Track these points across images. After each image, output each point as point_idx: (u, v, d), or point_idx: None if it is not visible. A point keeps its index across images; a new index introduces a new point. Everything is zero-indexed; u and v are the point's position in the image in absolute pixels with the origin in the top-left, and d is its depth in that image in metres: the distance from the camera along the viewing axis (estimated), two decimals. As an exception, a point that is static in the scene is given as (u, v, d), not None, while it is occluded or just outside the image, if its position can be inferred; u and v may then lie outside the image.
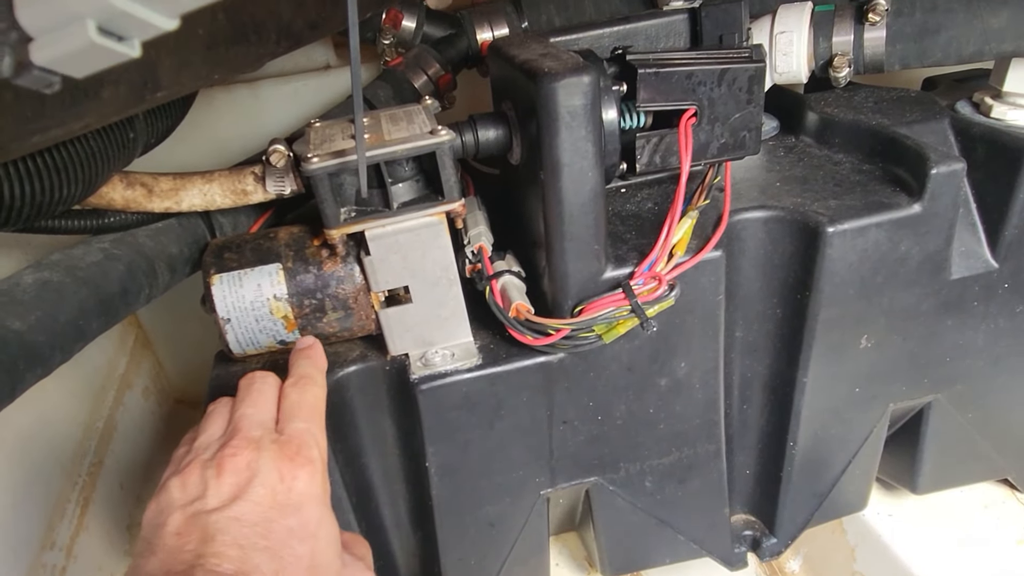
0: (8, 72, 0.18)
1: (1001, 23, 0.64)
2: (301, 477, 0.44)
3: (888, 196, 0.65)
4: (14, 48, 0.18)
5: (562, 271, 0.59)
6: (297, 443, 0.46)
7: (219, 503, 0.41)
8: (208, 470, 0.43)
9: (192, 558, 0.39)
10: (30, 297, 0.49)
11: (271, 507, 0.42)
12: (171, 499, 0.43)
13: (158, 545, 0.40)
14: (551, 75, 0.52)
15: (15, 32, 0.18)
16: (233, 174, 0.59)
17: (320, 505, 0.45)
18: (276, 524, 0.42)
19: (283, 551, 0.41)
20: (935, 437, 0.79)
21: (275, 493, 0.43)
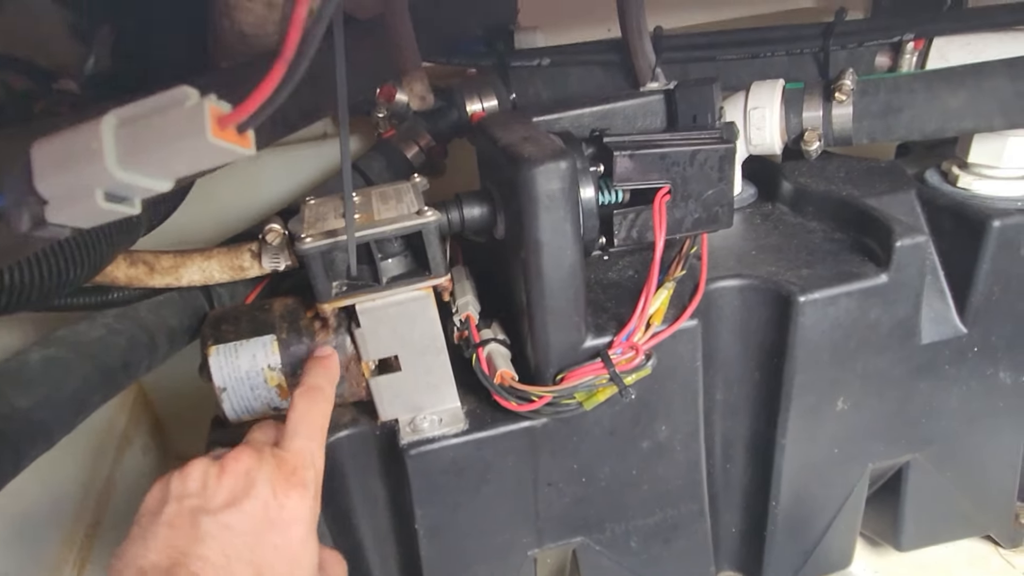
0: (26, 228, 0.22)
1: (960, 103, 0.67)
2: (293, 497, 0.45)
3: (857, 266, 0.68)
4: (32, 209, 0.22)
5: (544, 341, 0.61)
6: (294, 463, 0.47)
7: (214, 506, 0.43)
8: (211, 468, 0.45)
9: (178, 555, 0.40)
10: (36, 374, 0.52)
11: (262, 521, 0.43)
12: (169, 490, 0.44)
13: (149, 532, 0.42)
14: (530, 161, 0.55)
15: (33, 197, 0.21)
16: (231, 251, 0.63)
17: (306, 528, 0.46)
18: (263, 539, 0.43)
19: (265, 568, 0.42)
20: (916, 495, 0.80)
21: (267, 508, 0.44)
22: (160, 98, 0.22)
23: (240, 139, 0.22)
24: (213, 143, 0.21)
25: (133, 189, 0.22)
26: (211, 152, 0.22)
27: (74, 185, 0.21)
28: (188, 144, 0.21)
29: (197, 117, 0.21)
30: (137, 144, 0.22)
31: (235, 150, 0.22)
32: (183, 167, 0.23)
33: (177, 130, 0.21)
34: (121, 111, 0.23)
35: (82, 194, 0.21)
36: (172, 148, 0.22)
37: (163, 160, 0.22)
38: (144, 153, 0.22)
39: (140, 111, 0.22)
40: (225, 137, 0.22)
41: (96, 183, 0.21)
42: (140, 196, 0.23)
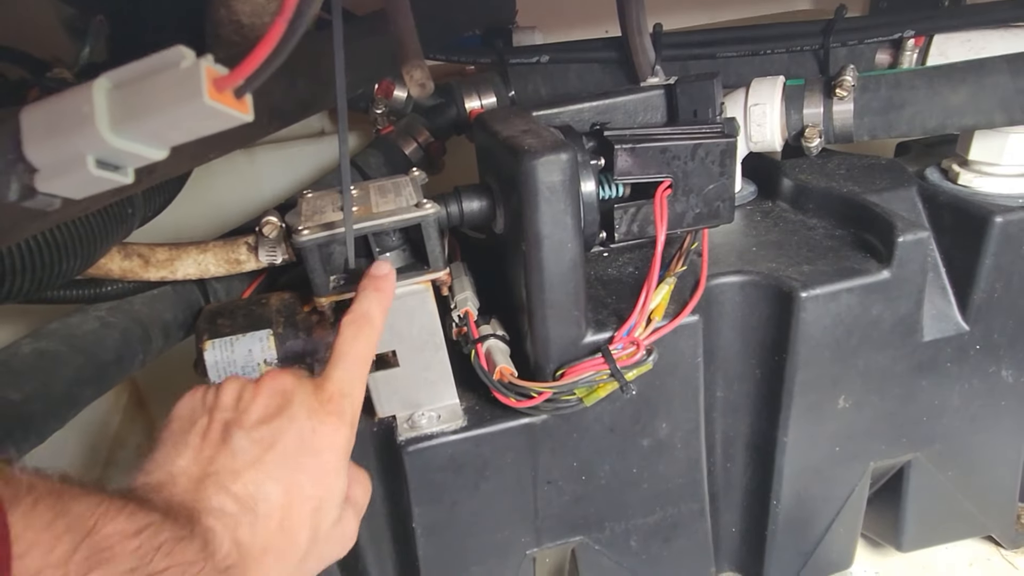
0: (15, 197, 0.21)
1: (960, 100, 0.67)
2: (328, 423, 0.44)
3: (859, 262, 0.67)
4: (20, 177, 0.21)
5: (543, 336, 0.61)
6: (332, 390, 0.45)
7: (248, 421, 0.42)
8: (247, 385, 0.44)
9: (208, 465, 0.39)
10: (27, 367, 0.51)
11: (294, 442, 0.42)
12: (203, 402, 0.43)
13: (180, 440, 0.41)
14: (531, 152, 0.54)
15: (21, 164, 0.21)
16: (227, 244, 0.62)
17: (338, 456, 0.45)
18: (294, 460, 0.42)
19: (293, 489, 0.41)
20: (917, 495, 0.80)
21: (301, 430, 0.43)
22: (154, 59, 0.21)
23: (238, 104, 0.21)
24: (210, 106, 0.21)
25: (126, 156, 0.21)
26: (207, 116, 0.21)
27: (65, 151, 0.20)
28: (184, 108, 0.21)
29: (193, 79, 0.21)
30: (130, 107, 0.21)
31: (233, 115, 0.21)
32: (178, 133, 0.22)
33: (172, 93, 0.21)
34: (114, 73, 0.22)
35: (73, 161, 0.21)
36: (167, 112, 0.21)
37: (157, 125, 0.21)
38: (138, 117, 0.21)
39: (134, 73, 0.22)
40: (222, 101, 0.21)
41: (87, 149, 0.21)
42: (133, 164, 0.22)
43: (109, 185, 0.22)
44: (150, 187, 0.59)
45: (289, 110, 0.56)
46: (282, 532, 0.40)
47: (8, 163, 0.21)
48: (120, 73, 0.22)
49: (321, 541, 0.44)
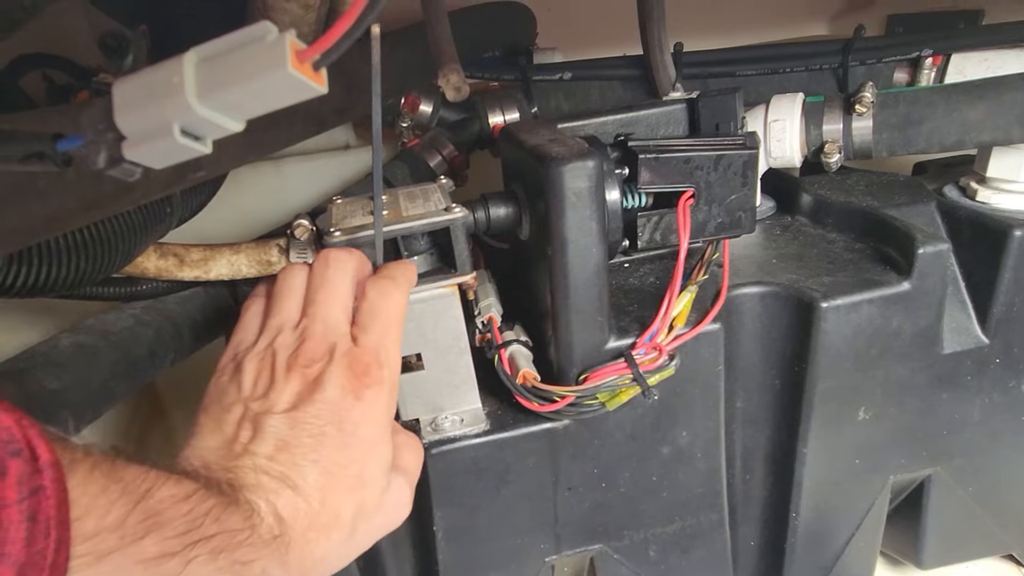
0: (103, 165, 0.22)
1: (979, 116, 0.68)
2: (366, 397, 0.44)
3: (879, 274, 0.68)
4: (109, 146, 0.22)
5: (567, 341, 0.62)
6: (367, 360, 0.45)
7: (281, 407, 0.42)
8: (279, 371, 0.43)
9: (243, 451, 0.40)
10: (67, 359, 0.52)
11: (329, 422, 0.42)
12: (241, 386, 0.43)
13: (216, 428, 0.41)
14: (558, 159, 0.56)
15: (111, 133, 0.22)
16: (259, 246, 0.63)
17: (378, 428, 0.44)
18: (330, 440, 0.42)
19: (333, 468, 0.41)
20: (937, 511, 0.79)
21: (336, 409, 0.43)
22: (240, 34, 0.23)
23: (315, 76, 0.23)
24: (292, 75, 0.22)
25: (208, 126, 0.23)
26: (288, 87, 0.22)
27: (153, 119, 0.22)
28: (267, 77, 0.22)
29: (278, 49, 0.22)
30: (216, 78, 0.23)
31: (311, 85, 0.23)
32: (258, 104, 0.23)
33: (257, 63, 0.22)
34: (201, 48, 0.23)
35: (160, 129, 0.22)
36: (251, 82, 0.22)
37: (241, 94, 0.23)
38: (223, 87, 0.22)
39: (220, 47, 0.23)
40: (303, 72, 0.22)
41: (174, 117, 0.22)
42: (213, 135, 0.24)
43: (190, 154, 0.23)
44: (188, 188, 0.60)
45: (325, 116, 0.57)
46: (325, 509, 0.41)
47: (99, 132, 0.22)
48: (207, 48, 0.23)
49: (370, 514, 0.44)
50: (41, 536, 0.25)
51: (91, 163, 0.22)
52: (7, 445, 0.25)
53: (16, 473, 0.25)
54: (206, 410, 0.44)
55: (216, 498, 0.35)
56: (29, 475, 0.26)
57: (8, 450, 0.25)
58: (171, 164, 0.23)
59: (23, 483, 0.25)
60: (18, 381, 0.47)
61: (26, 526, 0.25)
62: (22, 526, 0.25)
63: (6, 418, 0.26)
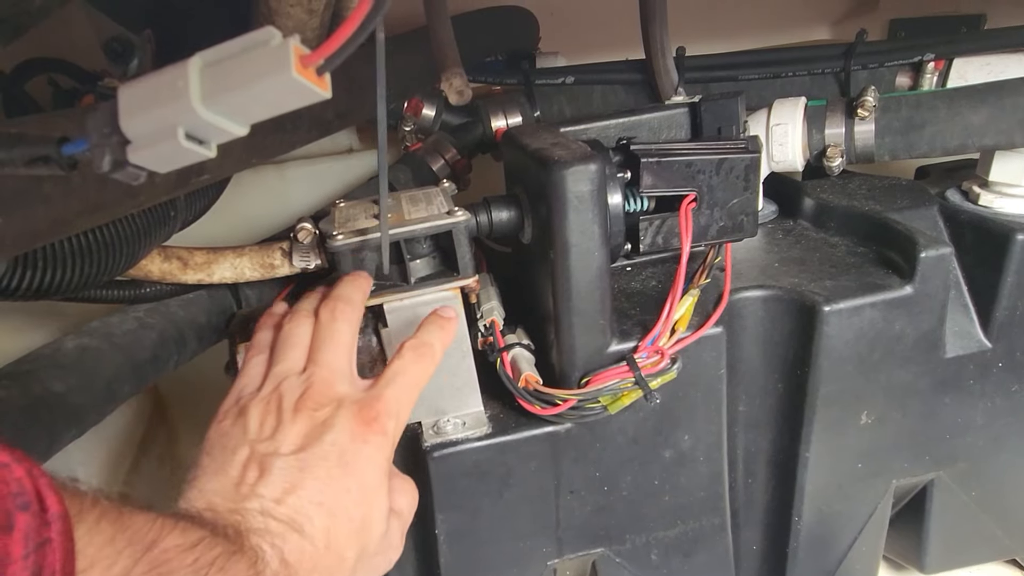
0: (107, 168, 0.22)
1: (981, 120, 0.68)
2: (371, 443, 0.44)
3: (881, 278, 0.68)
4: (114, 149, 0.22)
5: (569, 344, 0.62)
6: (378, 409, 0.45)
7: (288, 450, 0.42)
8: (285, 413, 0.44)
9: (249, 493, 0.40)
10: (71, 361, 0.52)
11: (335, 464, 0.42)
12: (247, 428, 0.43)
13: (221, 469, 0.41)
14: (561, 163, 0.56)
15: (116, 136, 0.22)
16: (262, 249, 0.64)
17: (380, 474, 0.45)
18: (336, 483, 0.42)
19: (337, 510, 0.42)
20: (940, 515, 0.79)
21: (343, 453, 0.43)
22: (245, 39, 0.23)
23: (319, 81, 0.23)
24: (295, 80, 0.22)
25: (212, 131, 0.23)
26: (292, 91, 0.23)
27: (158, 123, 0.22)
28: (271, 81, 0.22)
29: (282, 54, 0.22)
30: (221, 83, 0.23)
31: (314, 90, 0.23)
32: (262, 108, 0.24)
33: (261, 68, 0.22)
34: (206, 53, 0.24)
35: (164, 133, 0.22)
36: (255, 86, 0.22)
37: (245, 99, 0.23)
38: (227, 92, 0.23)
39: (225, 52, 0.23)
40: (306, 77, 0.23)
41: (179, 121, 0.22)
42: (218, 139, 0.24)
43: (195, 158, 0.24)
44: (191, 192, 0.61)
45: (328, 120, 0.58)
46: (329, 552, 0.41)
47: (103, 136, 0.23)
48: (212, 52, 0.24)
49: (370, 556, 0.44)
50: None
51: (96, 166, 0.23)
52: (16, 498, 0.25)
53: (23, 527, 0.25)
54: (209, 453, 0.44)
55: (222, 546, 0.35)
56: (37, 528, 0.26)
57: (17, 503, 0.25)
58: (175, 168, 0.23)
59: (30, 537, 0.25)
60: (23, 383, 0.48)
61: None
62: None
63: (18, 469, 0.26)
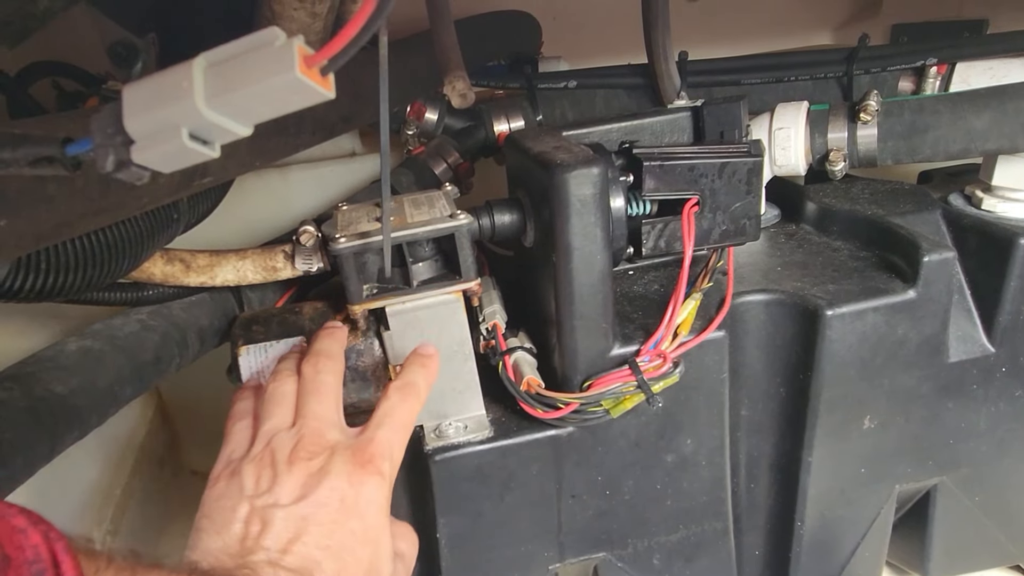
0: (111, 168, 0.22)
1: (984, 124, 0.68)
2: (369, 484, 0.45)
3: (884, 282, 0.68)
4: (117, 149, 0.23)
5: (572, 347, 0.62)
6: (372, 451, 0.46)
7: (288, 500, 0.42)
8: (280, 466, 0.44)
9: (255, 546, 0.40)
10: (73, 363, 0.52)
11: (337, 509, 0.43)
12: (242, 487, 0.44)
13: (223, 527, 0.41)
14: (563, 166, 0.56)
15: (120, 136, 0.23)
16: (265, 252, 0.64)
17: (382, 514, 0.45)
18: (340, 527, 0.42)
19: (344, 552, 0.42)
20: (943, 520, 0.79)
21: (343, 497, 0.43)
22: (249, 39, 0.23)
23: (323, 81, 0.23)
24: (299, 80, 0.22)
25: (216, 131, 0.23)
26: (296, 91, 0.23)
27: (162, 123, 0.22)
28: (275, 81, 0.22)
29: (286, 54, 0.22)
30: (225, 83, 0.23)
31: (318, 90, 0.23)
32: (266, 108, 0.24)
33: (266, 68, 0.22)
34: (210, 53, 0.24)
35: (168, 133, 0.22)
36: (259, 86, 0.23)
37: (249, 99, 0.23)
38: (231, 92, 0.23)
39: (229, 52, 0.24)
40: (310, 77, 0.23)
41: (183, 121, 0.22)
42: (221, 139, 0.24)
43: (198, 158, 0.24)
44: (194, 194, 0.61)
45: (332, 123, 0.58)
46: None
47: (107, 136, 0.23)
48: (216, 53, 0.24)
49: None
50: None
51: (99, 166, 0.23)
52: (32, 566, 0.25)
53: None
54: (208, 516, 0.44)
55: None
56: None
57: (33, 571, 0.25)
58: (179, 168, 0.23)
59: None
60: (25, 385, 0.48)
61: None
62: None
63: (34, 535, 0.26)
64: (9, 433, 0.43)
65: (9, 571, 0.25)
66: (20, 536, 0.26)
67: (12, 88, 0.64)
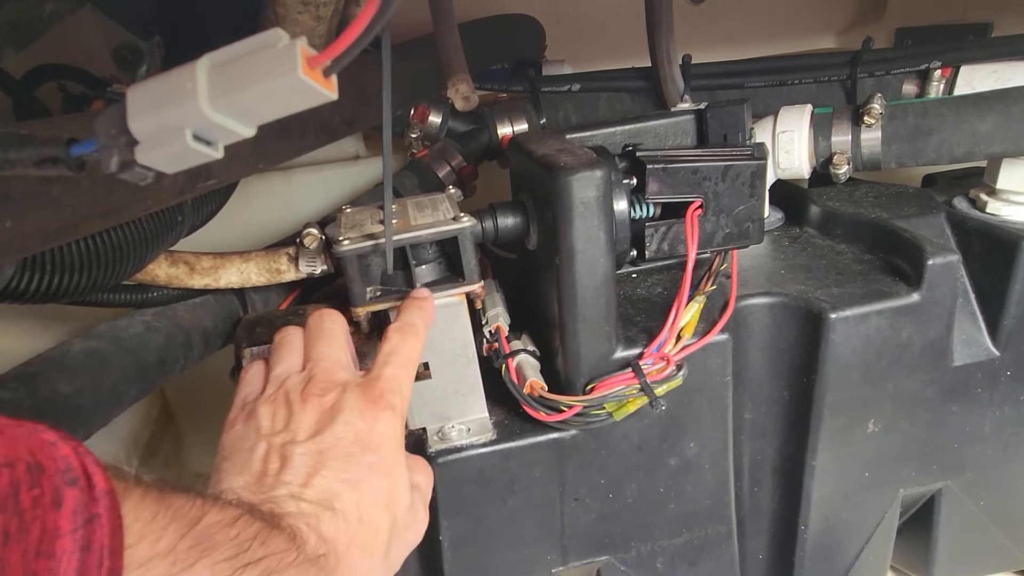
0: (115, 168, 0.23)
1: (988, 127, 0.68)
2: (382, 419, 0.45)
3: (888, 285, 0.68)
4: (121, 150, 0.23)
5: (575, 350, 0.62)
6: (382, 387, 0.47)
7: (304, 436, 0.43)
8: (294, 404, 0.45)
9: (276, 482, 0.41)
10: (78, 364, 0.53)
11: (352, 443, 0.44)
12: (259, 427, 0.44)
13: (243, 467, 0.42)
14: (566, 169, 0.56)
15: (124, 137, 0.23)
16: (269, 254, 0.64)
17: (397, 447, 0.46)
18: (356, 459, 0.43)
19: (362, 484, 0.43)
20: (948, 525, 0.79)
21: (357, 431, 0.44)
22: (253, 40, 0.24)
23: (326, 82, 0.23)
24: (302, 81, 0.22)
25: (220, 131, 0.23)
26: (299, 92, 0.23)
27: (165, 124, 0.22)
28: (278, 82, 0.23)
29: (289, 56, 0.23)
30: (228, 84, 0.23)
31: (321, 91, 0.23)
32: (269, 109, 0.24)
33: (269, 69, 0.23)
34: (214, 55, 0.24)
35: (172, 134, 0.22)
36: (262, 87, 0.23)
37: (252, 100, 0.23)
38: (234, 93, 0.23)
39: (233, 54, 0.24)
40: (313, 78, 0.23)
41: (186, 122, 0.23)
42: (224, 140, 0.24)
43: (202, 159, 0.24)
44: (199, 195, 0.61)
45: (336, 126, 0.58)
46: (362, 525, 0.42)
47: (111, 137, 0.23)
48: (220, 54, 0.24)
49: (400, 529, 0.45)
50: (94, 566, 0.26)
51: (104, 167, 0.23)
52: (64, 475, 0.26)
53: (72, 503, 0.26)
54: (227, 457, 0.44)
55: (260, 522, 0.36)
56: (85, 504, 0.26)
57: (65, 479, 0.26)
58: (182, 169, 0.24)
59: (78, 512, 0.26)
60: (30, 385, 0.48)
61: (79, 556, 0.25)
62: (75, 556, 0.25)
63: (64, 447, 0.27)
64: (13, 434, 0.44)
65: (44, 479, 0.26)
66: (51, 448, 0.26)
67: (18, 91, 0.64)
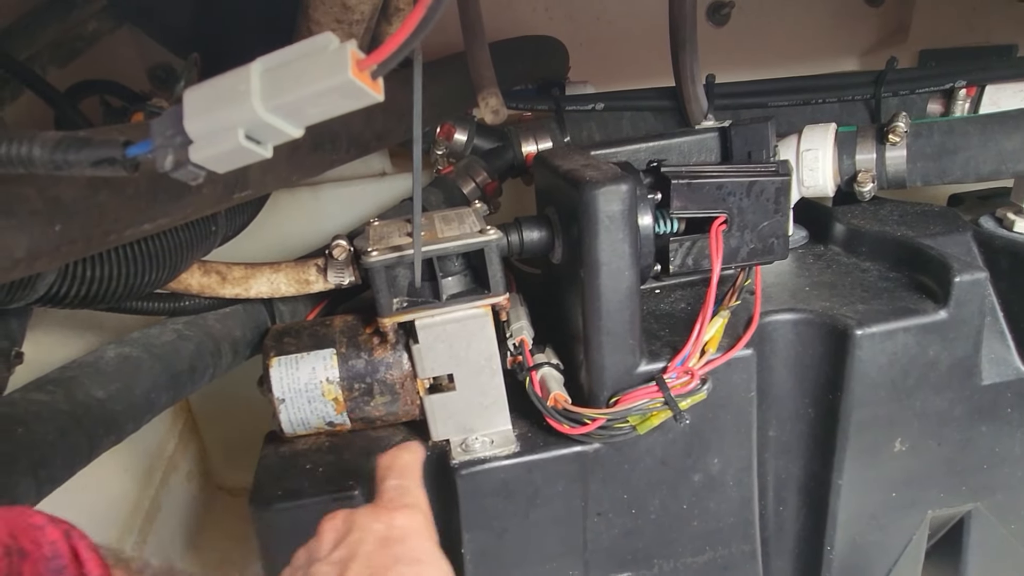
0: (169, 167, 0.24)
1: (1015, 145, 0.68)
2: (398, 516, 0.45)
3: (915, 302, 0.67)
4: (176, 150, 0.24)
5: (599, 363, 0.62)
6: (389, 496, 0.47)
7: (323, 553, 0.43)
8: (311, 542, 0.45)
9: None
10: (112, 369, 0.54)
11: (373, 543, 0.43)
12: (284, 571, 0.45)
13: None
14: (592, 183, 0.57)
15: (180, 137, 0.24)
16: (298, 265, 0.65)
17: (425, 539, 0.46)
18: (378, 554, 0.43)
19: (390, 572, 0.42)
20: (978, 548, 0.77)
21: (375, 532, 0.44)
22: (303, 44, 0.25)
23: (373, 84, 0.24)
24: (352, 82, 0.23)
25: (270, 131, 0.24)
26: (348, 94, 0.24)
27: (220, 124, 0.24)
28: (330, 83, 0.24)
29: (340, 58, 0.24)
30: (280, 86, 0.24)
31: (369, 93, 0.24)
32: (317, 110, 0.25)
33: (320, 71, 0.24)
34: (266, 58, 0.25)
35: (225, 133, 0.24)
36: (314, 88, 0.24)
37: (303, 101, 0.24)
38: (286, 93, 0.24)
39: (284, 58, 0.25)
40: (362, 79, 0.24)
41: (240, 122, 0.24)
42: (274, 140, 0.25)
43: (251, 159, 0.25)
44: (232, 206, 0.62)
45: (367, 140, 0.59)
46: None
47: (167, 138, 0.24)
48: (271, 58, 0.25)
49: None
50: None
51: (158, 166, 0.24)
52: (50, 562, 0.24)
53: None
54: None
55: None
56: None
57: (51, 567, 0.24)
58: (232, 168, 0.25)
59: None
60: (67, 388, 0.49)
61: None
62: None
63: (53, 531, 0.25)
64: (52, 435, 0.45)
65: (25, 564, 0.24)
66: (37, 532, 0.25)
67: (62, 104, 0.66)
